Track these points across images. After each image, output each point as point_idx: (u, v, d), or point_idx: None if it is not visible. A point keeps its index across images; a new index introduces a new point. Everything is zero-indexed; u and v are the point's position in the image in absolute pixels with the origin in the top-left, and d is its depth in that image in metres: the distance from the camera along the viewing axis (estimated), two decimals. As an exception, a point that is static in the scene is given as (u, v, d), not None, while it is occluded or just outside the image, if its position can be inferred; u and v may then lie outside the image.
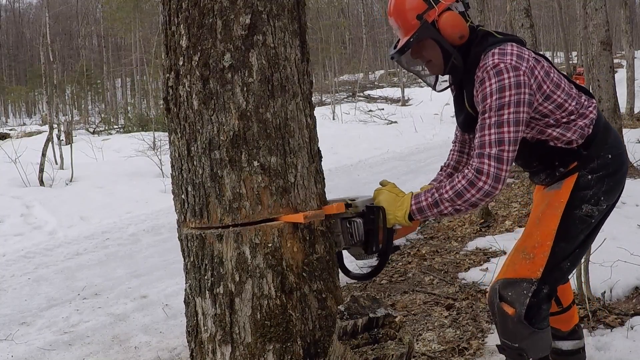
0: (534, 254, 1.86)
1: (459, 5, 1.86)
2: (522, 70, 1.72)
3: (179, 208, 1.69)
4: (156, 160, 9.07)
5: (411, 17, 1.82)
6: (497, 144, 1.70)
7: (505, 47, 1.77)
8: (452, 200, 1.72)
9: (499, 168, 1.69)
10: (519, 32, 6.06)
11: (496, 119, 1.70)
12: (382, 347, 1.35)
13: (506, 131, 1.70)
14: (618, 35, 29.18)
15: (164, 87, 1.67)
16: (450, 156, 2.20)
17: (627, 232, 4.17)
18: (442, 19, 1.80)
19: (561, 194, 1.88)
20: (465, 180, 1.70)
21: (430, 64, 1.93)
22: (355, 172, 9.13)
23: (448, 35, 1.81)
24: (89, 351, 3.11)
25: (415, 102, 21.67)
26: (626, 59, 15.45)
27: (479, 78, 1.77)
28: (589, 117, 1.87)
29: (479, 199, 1.70)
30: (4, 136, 16.92)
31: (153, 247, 5.25)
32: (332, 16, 39.96)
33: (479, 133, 1.74)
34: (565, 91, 1.85)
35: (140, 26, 30.16)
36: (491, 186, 1.69)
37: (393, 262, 4.39)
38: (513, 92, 1.70)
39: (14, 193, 7.26)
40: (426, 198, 1.75)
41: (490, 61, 1.74)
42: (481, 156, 1.71)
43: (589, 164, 1.87)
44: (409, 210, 1.75)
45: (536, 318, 1.86)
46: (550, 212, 1.88)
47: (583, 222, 1.87)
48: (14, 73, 53.11)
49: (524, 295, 1.84)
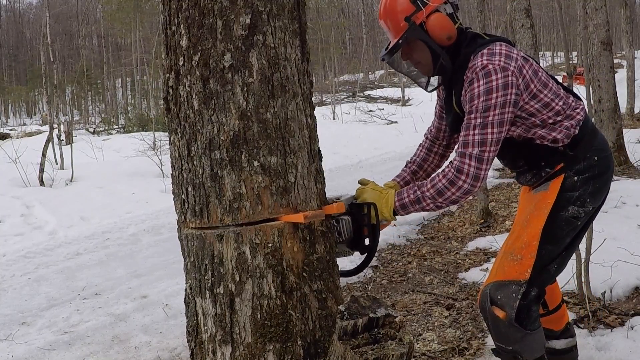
0: (522, 255, 1.87)
1: (447, 7, 1.89)
2: (510, 71, 1.76)
3: (179, 208, 1.69)
4: (156, 160, 9.07)
5: (400, 19, 1.87)
6: (479, 144, 1.76)
7: (494, 47, 1.80)
8: (433, 198, 1.80)
9: (478, 168, 1.76)
10: (519, 32, 6.06)
11: (481, 120, 1.75)
12: (382, 347, 1.35)
13: (489, 132, 1.75)
14: (618, 35, 29.19)
15: (164, 87, 1.67)
16: (418, 152, 2.21)
17: (627, 232, 4.17)
18: (430, 21, 1.84)
19: (548, 195, 1.89)
20: (445, 179, 1.78)
21: (419, 65, 1.97)
22: (356, 172, 9.12)
23: (436, 37, 1.85)
24: (89, 351, 3.11)
25: (415, 102, 21.65)
26: (626, 59, 15.44)
27: (468, 79, 1.80)
28: (575, 119, 1.89)
29: (459, 196, 1.79)
30: (4, 136, 16.92)
31: (153, 247, 5.26)
32: (332, 16, 39.94)
33: (464, 132, 1.79)
34: (552, 91, 1.87)
35: (141, 26, 30.15)
36: (470, 185, 1.76)
37: (393, 262, 4.40)
38: (500, 93, 1.74)
39: (14, 193, 7.26)
40: (408, 195, 1.82)
41: (479, 62, 1.78)
42: (463, 155, 1.77)
43: (575, 165, 1.88)
44: (393, 207, 1.82)
45: (527, 320, 1.86)
46: (537, 214, 1.89)
47: (569, 224, 1.88)
48: (14, 73, 53.12)
49: (513, 298, 1.84)
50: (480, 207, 5.43)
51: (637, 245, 3.59)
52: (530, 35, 5.97)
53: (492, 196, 6.39)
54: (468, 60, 1.83)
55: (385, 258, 4.50)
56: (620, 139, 7.52)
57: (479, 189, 1.82)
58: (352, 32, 47.17)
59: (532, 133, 1.88)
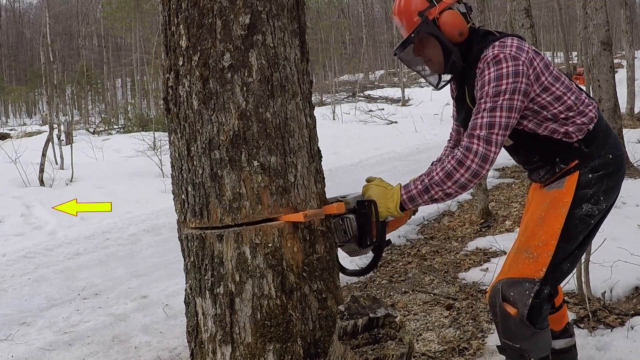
0: (538, 253, 1.86)
1: (460, 6, 1.93)
2: (521, 60, 1.77)
3: (179, 208, 1.69)
4: (156, 160, 9.07)
5: (413, 14, 1.90)
6: (487, 127, 1.76)
7: (506, 40, 1.84)
8: (442, 183, 1.76)
9: (487, 149, 1.74)
10: (519, 32, 6.05)
11: (491, 105, 1.76)
12: (383, 347, 1.35)
13: (498, 115, 1.75)
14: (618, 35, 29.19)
15: (164, 87, 1.67)
16: (443, 152, 2.28)
17: (627, 232, 4.17)
18: (442, 17, 1.88)
19: (565, 193, 1.89)
20: (454, 160, 1.76)
21: (430, 63, 1.99)
22: (356, 172, 9.12)
23: (448, 32, 1.88)
24: (89, 351, 3.11)
25: (415, 102, 21.65)
26: (626, 59, 15.44)
27: (479, 70, 1.83)
28: (587, 116, 1.89)
29: (467, 179, 1.75)
30: (4, 136, 16.90)
31: (153, 247, 5.26)
32: (332, 16, 39.93)
33: (474, 116, 1.80)
34: (565, 85, 1.88)
35: (141, 26, 30.16)
36: (479, 165, 1.74)
37: (393, 262, 4.40)
38: (510, 80, 1.76)
39: (14, 193, 7.26)
40: (416, 186, 1.80)
41: (491, 52, 1.81)
42: (471, 136, 1.77)
43: (589, 162, 1.89)
44: (400, 200, 1.80)
45: (537, 318, 1.86)
46: (555, 212, 1.88)
47: (583, 222, 1.88)
48: (14, 73, 53.09)
49: (526, 296, 1.84)
50: (480, 207, 5.43)
51: (637, 245, 3.59)
52: (530, 35, 5.96)
53: (492, 196, 6.39)
54: (480, 55, 1.85)
55: (385, 258, 4.50)
56: (621, 139, 7.53)
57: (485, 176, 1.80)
58: (352, 32, 47.18)
59: (544, 127, 1.88)
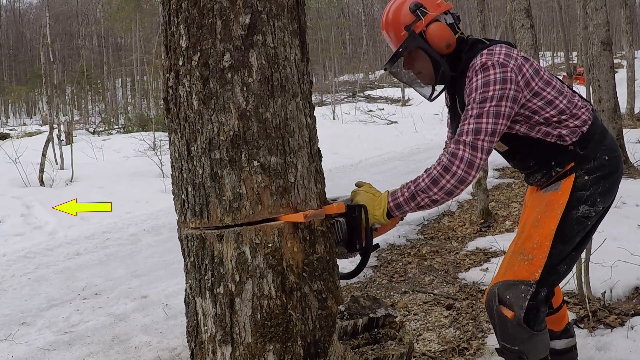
0: (533, 255, 1.87)
1: (448, 17, 1.94)
2: (509, 67, 1.78)
3: (179, 208, 1.69)
4: (156, 160, 9.07)
5: (400, 29, 1.92)
6: (474, 132, 1.76)
7: (494, 48, 1.85)
8: (428, 189, 1.76)
9: (473, 155, 1.75)
10: (519, 32, 6.05)
11: (477, 111, 1.77)
12: (383, 347, 1.35)
13: (484, 122, 1.76)
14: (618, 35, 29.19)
15: (164, 87, 1.67)
16: None
17: (627, 232, 4.17)
18: (429, 30, 1.89)
19: (560, 195, 1.89)
20: (440, 166, 1.76)
21: (421, 75, 2.01)
22: (356, 172, 9.12)
23: (435, 45, 1.90)
24: (89, 351, 3.11)
25: (415, 102, 21.65)
26: (626, 59, 15.44)
27: (468, 78, 1.84)
28: (581, 119, 1.89)
29: (453, 185, 1.75)
30: (4, 136, 16.91)
31: (153, 247, 5.26)
32: (332, 16, 39.95)
33: (461, 123, 1.81)
34: (556, 89, 1.88)
35: (141, 26, 30.15)
36: (464, 171, 1.74)
37: (393, 262, 4.40)
38: (498, 87, 1.76)
39: (14, 193, 7.26)
40: (402, 193, 1.80)
41: (479, 61, 1.82)
42: (457, 142, 1.78)
43: (585, 164, 1.89)
44: (387, 208, 1.80)
45: (535, 321, 1.86)
46: (550, 214, 1.89)
47: (580, 223, 1.88)
48: (14, 73, 53.08)
49: (522, 299, 1.84)
50: (480, 207, 5.43)
51: (637, 245, 3.59)
52: (530, 35, 5.96)
53: (492, 196, 6.39)
54: (469, 64, 1.86)
55: (385, 258, 4.50)
56: (620, 139, 7.53)
57: (475, 177, 1.80)
58: (352, 32, 47.17)
59: (536, 130, 1.88)
